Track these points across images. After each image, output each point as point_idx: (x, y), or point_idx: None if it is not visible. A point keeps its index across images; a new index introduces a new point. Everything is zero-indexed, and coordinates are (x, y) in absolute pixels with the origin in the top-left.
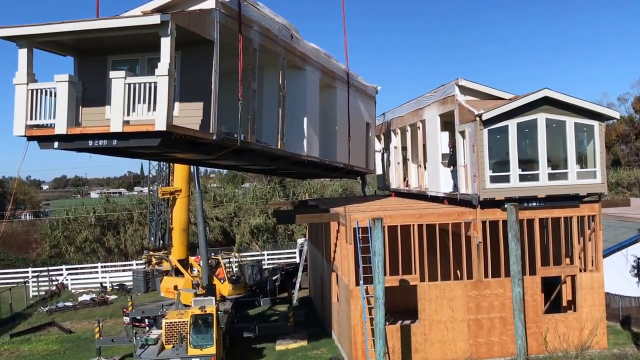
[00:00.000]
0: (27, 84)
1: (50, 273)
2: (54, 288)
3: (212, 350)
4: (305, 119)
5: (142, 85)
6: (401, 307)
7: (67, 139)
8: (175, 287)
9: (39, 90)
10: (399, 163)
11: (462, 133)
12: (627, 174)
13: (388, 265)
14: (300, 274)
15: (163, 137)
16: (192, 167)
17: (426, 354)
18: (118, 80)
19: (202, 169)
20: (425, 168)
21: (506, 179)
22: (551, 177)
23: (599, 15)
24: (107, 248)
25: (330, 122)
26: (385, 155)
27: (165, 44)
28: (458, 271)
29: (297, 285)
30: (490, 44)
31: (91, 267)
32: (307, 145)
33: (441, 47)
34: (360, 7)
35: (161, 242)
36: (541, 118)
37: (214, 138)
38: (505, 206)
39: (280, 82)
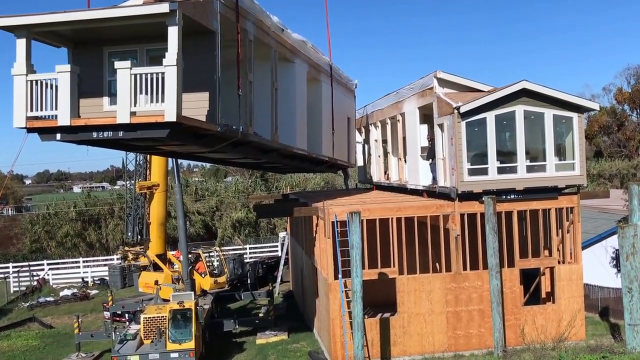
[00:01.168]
0: (27, 75)
1: (32, 268)
2: (35, 283)
3: (190, 344)
4: (295, 112)
5: (148, 75)
6: (381, 300)
7: (70, 130)
8: (156, 282)
9: (39, 82)
10: (379, 156)
11: (441, 126)
12: (609, 165)
13: (367, 258)
14: (281, 267)
15: (172, 128)
16: (171, 161)
17: (405, 347)
18: (124, 71)
19: (184, 163)
20: (405, 161)
21: (484, 172)
22: (529, 169)
23: (583, 7)
24: (89, 243)
25: (316, 116)
26: (366, 148)
27: (173, 33)
28: (437, 264)
29: (279, 279)
30: (472, 36)
31: (72, 262)
32: (298, 138)
33: (424, 40)
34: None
35: (139, 237)
36: (519, 110)
37: (218, 129)
38: (483, 199)
39: (272, 74)
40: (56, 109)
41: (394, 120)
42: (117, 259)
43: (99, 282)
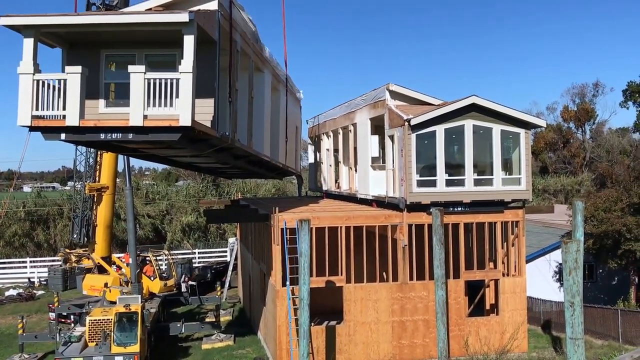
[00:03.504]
0: (34, 74)
1: None
2: None
3: (135, 348)
4: (263, 120)
5: (162, 81)
6: (328, 307)
7: (77, 130)
8: (106, 285)
9: (46, 81)
10: (330, 165)
11: (392, 137)
12: (554, 180)
13: (315, 266)
14: (230, 272)
15: (184, 133)
16: (122, 164)
17: (350, 355)
18: (137, 75)
19: (136, 166)
20: (355, 170)
21: (433, 184)
22: (477, 182)
23: (530, 29)
24: (37, 243)
25: (275, 124)
26: (317, 156)
27: (189, 41)
28: (384, 273)
29: (227, 284)
30: (423, 54)
31: (19, 262)
32: (264, 145)
33: (372, 54)
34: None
35: (86, 239)
36: (468, 124)
37: (217, 135)
38: (431, 210)
39: (249, 83)
40: (63, 109)
41: (346, 130)
42: (58, 261)
43: (45, 282)
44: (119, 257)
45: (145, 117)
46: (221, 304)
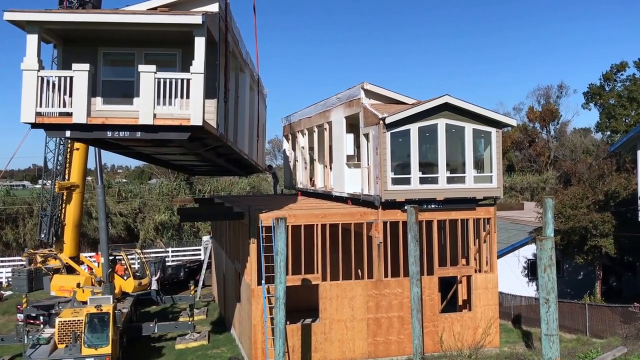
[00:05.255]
0: (38, 71)
1: None
2: None
3: (107, 350)
4: (244, 119)
5: (172, 81)
6: (304, 305)
7: (83, 128)
8: (78, 285)
9: (49, 78)
10: (305, 163)
11: (367, 135)
12: (520, 178)
13: (291, 264)
14: (203, 271)
15: (193, 132)
16: (94, 162)
17: (325, 353)
18: (148, 74)
19: (108, 164)
20: (330, 168)
21: (407, 182)
22: (450, 180)
23: (498, 34)
24: (5, 242)
25: (251, 123)
26: (292, 154)
27: (200, 42)
28: (359, 271)
29: (200, 283)
30: (396, 55)
31: None
32: (245, 143)
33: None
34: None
35: (54, 238)
36: (441, 123)
37: (219, 134)
38: (406, 208)
39: (235, 83)
40: (63, 105)
41: (321, 129)
42: (22, 261)
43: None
44: (88, 257)
45: (155, 115)
46: (195, 303)
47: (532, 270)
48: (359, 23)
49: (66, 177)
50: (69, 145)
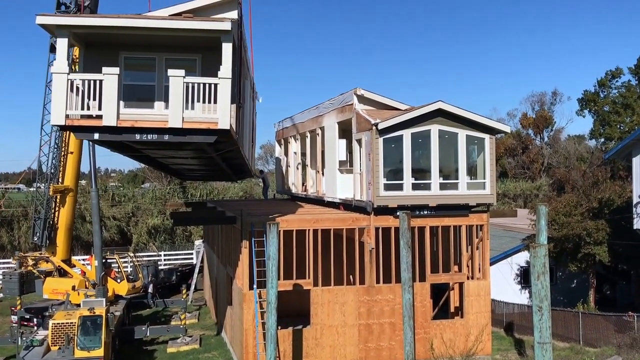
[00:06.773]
0: (68, 74)
1: None
2: None
3: (99, 352)
4: (245, 123)
5: (200, 85)
6: (296, 310)
7: (113, 130)
8: (74, 287)
9: (81, 81)
10: (298, 168)
11: (359, 141)
12: (514, 185)
13: (282, 269)
14: (195, 275)
15: (220, 135)
16: (89, 165)
17: (316, 358)
18: (177, 79)
19: (102, 167)
20: (323, 174)
21: (400, 187)
22: (442, 186)
23: (493, 40)
24: (0, 245)
25: (248, 128)
26: (285, 160)
27: (227, 48)
28: (351, 276)
29: (192, 287)
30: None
31: None
32: (246, 148)
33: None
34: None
35: (48, 241)
36: (434, 129)
37: (236, 137)
38: (398, 214)
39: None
40: (98, 109)
41: (314, 134)
42: (13, 264)
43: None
44: (82, 260)
45: (183, 119)
46: (187, 306)
47: (525, 277)
48: (351, 30)
49: (59, 180)
50: (64, 149)
